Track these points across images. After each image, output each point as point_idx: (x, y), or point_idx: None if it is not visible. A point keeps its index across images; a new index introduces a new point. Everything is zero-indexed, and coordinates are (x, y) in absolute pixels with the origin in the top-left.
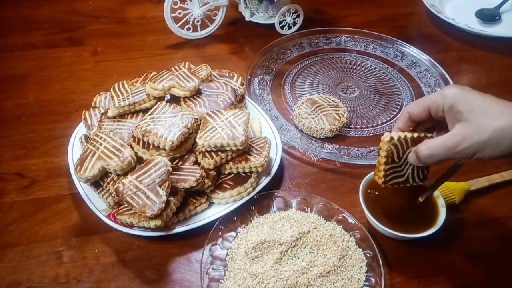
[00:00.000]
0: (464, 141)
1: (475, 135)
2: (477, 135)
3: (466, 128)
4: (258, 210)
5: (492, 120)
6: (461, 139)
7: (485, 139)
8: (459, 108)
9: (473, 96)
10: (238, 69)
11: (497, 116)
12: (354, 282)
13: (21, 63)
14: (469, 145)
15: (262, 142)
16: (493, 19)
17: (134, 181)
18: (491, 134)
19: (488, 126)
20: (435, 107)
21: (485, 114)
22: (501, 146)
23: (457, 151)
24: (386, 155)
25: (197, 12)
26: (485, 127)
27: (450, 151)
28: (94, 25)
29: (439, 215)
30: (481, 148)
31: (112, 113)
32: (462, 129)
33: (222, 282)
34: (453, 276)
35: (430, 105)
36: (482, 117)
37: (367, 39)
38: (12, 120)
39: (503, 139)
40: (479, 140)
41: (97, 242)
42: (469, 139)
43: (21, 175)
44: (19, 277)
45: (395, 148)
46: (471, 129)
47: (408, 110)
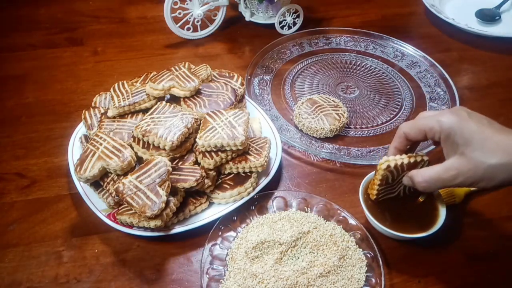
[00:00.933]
0: (460, 175)
1: (470, 171)
2: (472, 171)
3: (462, 163)
4: (258, 210)
5: (487, 157)
6: (457, 173)
7: (479, 175)
8: (455, 140)
9: (469, 126)
10: (238, 69)
11: (491, 152)
12: (354, 282)
13: (21, 63)
14: (464, 179)
15: (262, 142)
16: (493, 19)
17: (134, 181)
18: (485, 171)
19: (482, 163)
20: (432, 133)
21: (481, 150)
22: (495, 180)
23: (452, 184)
24: (381, 179)
25: (197, 12)
26: (480, 163)
27: (446, 183)
28: (94, 25)
29: (439, 215)
30: (476, 181)
31: (112, 113)
32: (458, 163)
33: (222, 282)
34: (453, 276)
35: (427, 131)
36: (478, 152)
37: (367, 39)
38: (12, 120)
39: (496, 174)
40: (474, 175)
41: (97, 242)
42: (464, 174)
43: (21, 175)
44: (19, 277)
45: (391, 174)
46: (467, 165)
47: (405, 131)
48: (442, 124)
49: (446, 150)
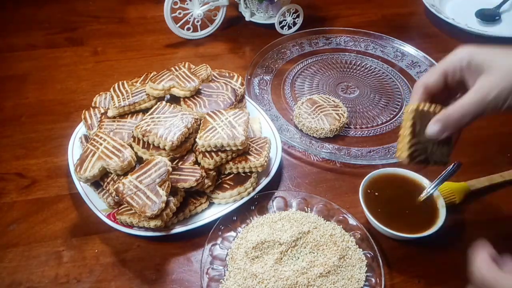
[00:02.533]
0: (493, 88)
1: (503, 79)
2: (505, 78)
3: (492, 76)
4: (258, 210)
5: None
6: (489, 88)
7: None
8: (478, 61)
9: (486, 48)
10: (238, 69)
11: None
12: (354, 282)
13: (21, 63)
14: (498, 91)
15: (262, 142)
16: (493, 19)
17: (134, 181)
18: None
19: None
20: (452, 69)
21: (508, 57)
22: None
23: (488, 102)
24: (411, 125)
25: (197, 12)
26: (509, 67)
27: (481, 103)
28: (94, 25)
29: (439, 215)
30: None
31: (112, 113)
32: (488, 78)
33: (222, 282)
34: (453, 276)
35: (446, 69)
36: (505, 59)
37: (367, 39)
38: (12, 120)
39: None
40: (507, 84)
41: (97, 242)
42: (497, 85)
43: (21, 175)
44: (19, 277)
45: (420, 121)
46: (497, 75)
47: (424, 81)
48: (459, 53)
49: (471, 77)
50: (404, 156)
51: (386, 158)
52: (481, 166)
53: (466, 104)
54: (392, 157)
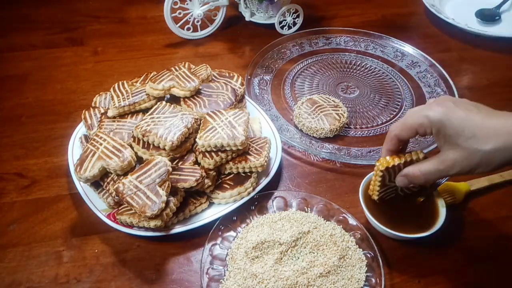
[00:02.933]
0: (456, 165)
1: (466, 160)
2: (468, 159)
3: (457, 153)
4: (258, 210)
5: (481, 144)
6: (453, 164)
7: (476, 162)
8: (446, 132)
9: (458, 116)
10: (238, 69)
11: (484, 139)
12: (354, 282)
13: (21, 63)
14: (461, 168)
15: (262, 142)
16: (493, 19)
17: (134, 181)
18: (481, 158)
19: (477, 151)
20: (422, 130)
21: (473, 138)
22: (492, 164)
23: (450, 174)
24: (380, 180)
25: (197, 12)
26: (475, 151)
27: (443, 173)
28: (94, 25)
29: (439, 215)
30: (472, 169)
31: (112, 113)
32: (453, 154)
33: (222, 282)
34: (453, 276)
35: (417, 128)
36: (471, 141)
37: (367, 39)
38: (12, 120)
39: (493, 159)
40: (470, 163)
41: (97, 242)
42: (460, 163)
43: (21, 175)
44: (19, 277)
45: (388, 174)
46: (462, 154)
47: (396, 133)
48: (431, 118)
49: (440, 143)
50: (375, 198)
51: None
52: None
53: (429, 171)
54: None
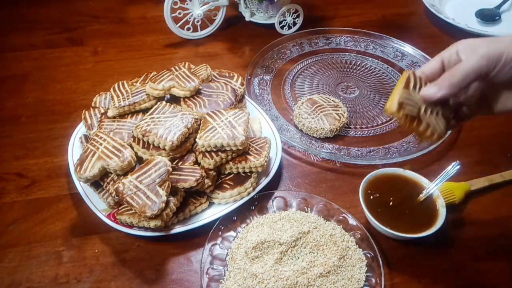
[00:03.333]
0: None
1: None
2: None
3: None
4: (258, 210)
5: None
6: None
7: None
8: (472, 45)
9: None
10: (238, 69)
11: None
12: (354, 282)
13: (21, 63)
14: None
15: (262, 142)
16: (493, 19)
17: (134, 181)
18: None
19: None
20: (448, 55)
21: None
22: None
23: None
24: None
25: (197, 12)
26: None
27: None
28: (94, 25)
29: (439, 215)
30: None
31: (112, 113)
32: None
33: (222, 282)
34: (453, 276)
35: (443, 55)
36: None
37: (367, 39)
38: (12, 120)
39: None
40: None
41: (97, 242)
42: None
43: (21, 175)
44: (19, 277)
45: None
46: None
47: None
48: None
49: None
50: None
51: (386, 158)
52: (481, 166)
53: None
54: (392, 157)
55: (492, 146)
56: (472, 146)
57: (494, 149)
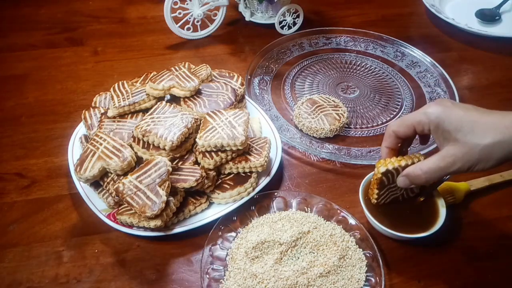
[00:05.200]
0: (457, 161)
1: (466, 155)
2: (467, 154)
3: (457, 149)
4: (258, 210)
5: (480, 138)
6: (454, 160)
7: (475, 157)
8: (445, 128)
9: (456, 113)
10: (238, 69)
11: (483, 133)
12: (354, 282)
13: (21, 63)
14: (461, 164)
15: (262, 142)
16: (493, 19)
17: (134, 181)
18: (480, 152)
19: (477, 145)
20: (421, 127)
21: (472, 133)
22: (492, 160)
23: (451, 171)
24: (379, 183)
25: (197, 12)
26: (474, 146)
27: (445, 171)
28: (94, 25)
29: (439, 215)
30: (473, 164)
31: (112, 113)
32: (453, 150)
33: (222, 282)
34: (453, 276)
35: (415, 125)
36: (469, 136)
37: (367, 39)
38: (12, 120)
39: (492, 154)
40: (470, 158)
41: (97, 242)
42: (460, 159)
43: (21, 175)
44: (19, 277)
45: (386, 178)
46: (461, 150)
47: (394, 129)
48: (429, 115)
49: (439, 140)
50: (374, 202)
51: None
52: None
53: (431, 169)
54: None
55: None
56: None
57: None
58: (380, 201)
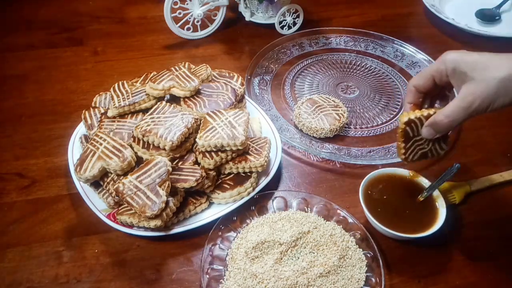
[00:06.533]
0: (476, 98)
1: (484, 90)
2: (486, 89)
3: (474, 86)
4: (258, 210)
5: (495, 72)
6: (473, 98)
7: (493, 91)
8: (461, 69)
9: (471, 56)
10: (238, 69)
11: (498, 68)
12: (354, 282)
13: (21, 63)
14: (481, 101)
15: (262, 142)
16: (493, 19)
17: (134, 181)
18: (498, 86)
19: (493, 79)
20: (439, 74)
21: (487, 69)
22: (510, 93)
23: (472, 109)
24: (403, 134)
25: (197, 12)
26: (490, 80)
27: (467, 111)
28: (94, 25)
29: (439, 215)
30: (492, 100)
31: (112, 113)
32: (471, 88)
33: (222, 282)
34: (453, 276)
35: (434, 74)
36: (485, 72)
37: (367, 39)
38: (12, 120)
39: (510, 87)
40: (489, 93)
41: (97, 242)
42: (479, 95)
43: (21, 175)
44: (19, 277)
45: (411, 129)
46: (479, 86)
47: (414, 84)
48: (446, 60)
49: (456, 84)
50: (402, 157)
51: (386, 158)
52: (481, 166)
53: (453, 112)
54: (392, 157)
55: (492, 146)
56: (472, 146)
57: (494, 149)
58: (408, 157)
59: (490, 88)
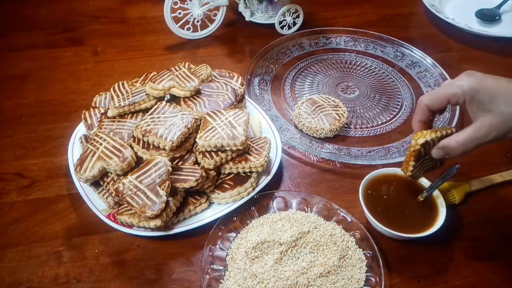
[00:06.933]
0: (492, 130)
1: (501, 124)
2: (503, 124)
3: (492, 119)
4: (258, 210)
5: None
6: (489, 130)
7: (510, 125)
8: (480, 99)
9: (489, 84)
10: (238, 69)
11: None
12: (354, 282)
13: (21, 63)
14: (497, 133)
15: (262, 142)
16: (493, 19)
17: (134, 181)
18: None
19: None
20: (455, 99)
21: (507, 103)
22: None
23: (487, 140)
24: (416, 155)
25: (197, 12)
26: (508, 115)
27: (480, 141)
28: (94, 25)
29: (439, 215)
30: (507, 132)
31: (112, 113)
32: (488, 120)
33: (222, 282)
34: (453, 276)
35: (450, 98)
36: (504, 105)
37: (367, 39)
38: (12, 120)
39: None
40: (506, 128)
41: (97, 242)
42: (496, 128)
43: (21, 175)
44: (19, 277)
45: (424, 149)
46: (496, 119)
47: (427, 103)
48: (463, 87)
49: (472, 111)
50: (408, 174)
51: (386, 158)
52: (481, 166)
53: (466, 140)
54: (392, 157)
55: (492, 146)
56: None
57: (494, 149)
58: (414, 173)
59: (508, 122)
